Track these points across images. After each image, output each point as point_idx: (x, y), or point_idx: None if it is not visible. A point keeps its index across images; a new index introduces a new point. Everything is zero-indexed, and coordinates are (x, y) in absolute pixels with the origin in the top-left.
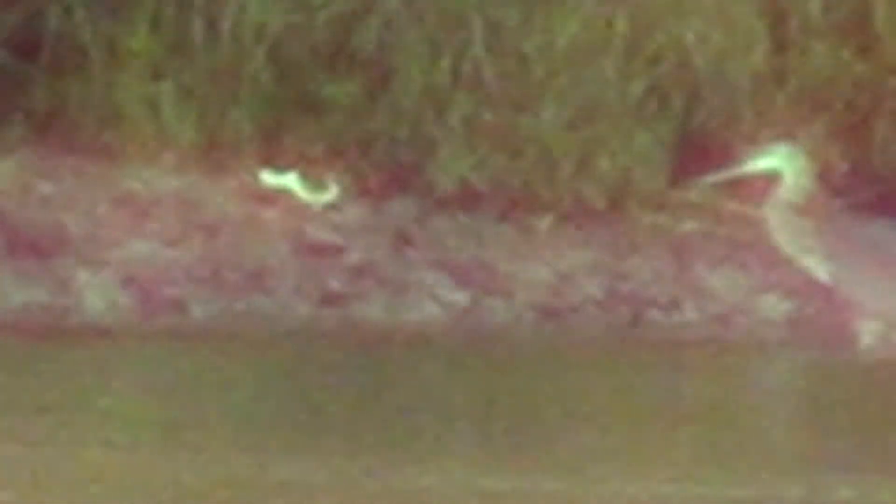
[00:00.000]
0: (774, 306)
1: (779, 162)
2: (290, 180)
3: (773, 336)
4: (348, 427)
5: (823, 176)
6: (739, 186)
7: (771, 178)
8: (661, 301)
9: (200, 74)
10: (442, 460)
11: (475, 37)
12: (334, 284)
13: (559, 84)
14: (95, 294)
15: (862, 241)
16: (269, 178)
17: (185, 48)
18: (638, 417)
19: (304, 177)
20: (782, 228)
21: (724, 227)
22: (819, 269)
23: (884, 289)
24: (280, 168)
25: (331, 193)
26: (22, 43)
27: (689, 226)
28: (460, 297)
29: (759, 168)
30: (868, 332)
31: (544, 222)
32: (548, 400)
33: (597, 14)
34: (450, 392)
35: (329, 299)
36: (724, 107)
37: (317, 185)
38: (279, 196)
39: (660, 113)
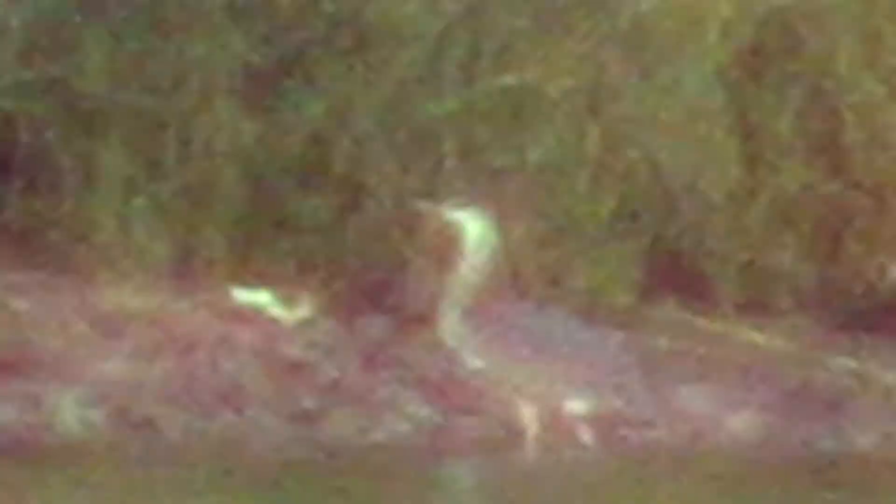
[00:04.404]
0: (747, 424)
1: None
2: (262, 297)
3: (745, 454)
4: None
5: (792, 292)
6: (710, 303)
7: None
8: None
9: (173, 191)
10: None
11: (447, 154)
12: (306, 402)
13: (530, 200)
14: (67, 412)
15: (519, 330)
16: (241, 295)
17: (158, 165)
18: None
19: (277, 294)
20: (450, 318)
21: (696, 344)
22: (470, 359)
23: (537, 374)
24: (252, 285)
25: (303, 310)
26: None
27: (661, 342)
28: (431, 415)
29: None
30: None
31: None
32: None
33: (568, 130)
34: None
35: (300, 417)
36: (696, 223)
37: (289, 301)
38: (251, 313)
39: (631, 229)
